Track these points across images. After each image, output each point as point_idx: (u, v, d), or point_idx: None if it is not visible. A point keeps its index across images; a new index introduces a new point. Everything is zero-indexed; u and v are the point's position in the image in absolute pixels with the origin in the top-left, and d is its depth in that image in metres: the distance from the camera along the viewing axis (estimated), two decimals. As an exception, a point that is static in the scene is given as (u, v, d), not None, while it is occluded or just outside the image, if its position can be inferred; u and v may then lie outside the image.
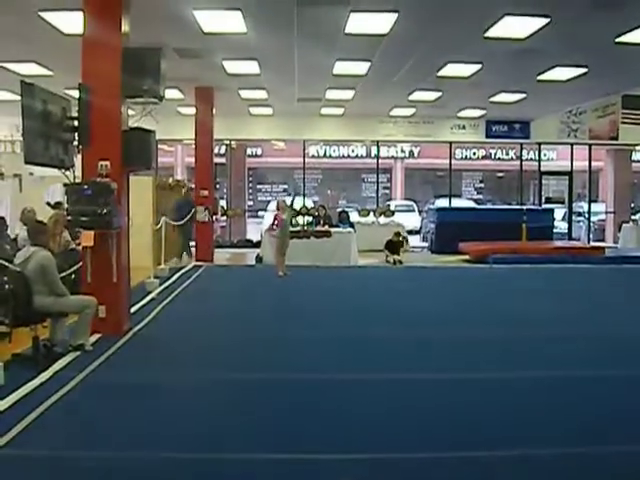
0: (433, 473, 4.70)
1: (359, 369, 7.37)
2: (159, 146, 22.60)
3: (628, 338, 8.98)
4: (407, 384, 6.83)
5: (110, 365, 7.42)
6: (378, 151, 25.37)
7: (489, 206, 32.30)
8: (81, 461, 4.77)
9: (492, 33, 11.47)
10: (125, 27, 8.83)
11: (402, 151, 34.47)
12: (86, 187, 8.45)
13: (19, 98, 7.98)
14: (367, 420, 5.70)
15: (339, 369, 7.36)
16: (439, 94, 17.94)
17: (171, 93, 16.13)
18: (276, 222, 15.94)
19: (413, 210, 30.95)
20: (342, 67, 14.59)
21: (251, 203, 31.59)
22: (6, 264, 7.89)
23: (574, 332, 9.34)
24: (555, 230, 22.91)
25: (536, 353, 8.13)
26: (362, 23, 11.04)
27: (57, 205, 12.53)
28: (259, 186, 36.23)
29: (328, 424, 5.61)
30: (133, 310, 10.08)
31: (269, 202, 31.40)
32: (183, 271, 15.65)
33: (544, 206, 24.27)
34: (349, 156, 34.55)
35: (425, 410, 6.02)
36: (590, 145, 23.56)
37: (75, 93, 8.88)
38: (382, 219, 22.65)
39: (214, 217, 18.79)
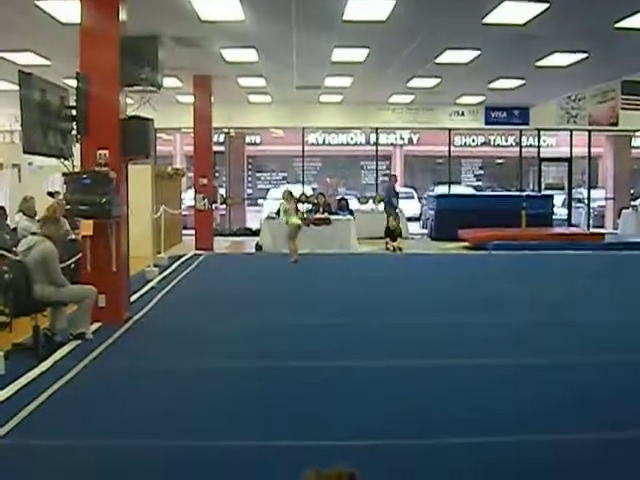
0: (431, 459, 4.73)
1: (360, 356, 7.40)
2: (158, 135, 22.52)
3: (627, 324, 9.01)
4: (407, 370, 6.86)
5: (110, 353, 7.45)
6: (377, 138, 25.33)
7: (488, 193, 32.24)
8: (82, 450, 4.79)
9: (491, 19, 11.42)
10: (122, 16, 8.82)
11: (401, 138, 34.39)
12: (85, 176, 8.45)
13: (17, 88, 7.98)
14: (367, 407, 5.73)
15: (340, 356, 7.39)
16: (438, 81, 17.89)
17: (169, 81, 16.06)
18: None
19: (412, 197, 30.92)
20: (340, 54, 14.54)
21: (250, 191, 31.53)
22: (6, 254, 7.92)
23: (574, 318, 9.37)
24: (555, 216, 22.88)
25: (536, 340, 8.16)
26: (360, 10, 10.98)
27: (54, 194, 12.53)
28: (258, 174, 36.17)
29: (327, 411, 5.64)
30: (133, 299, 10.10)
31: (268, 190, 31.39)
32: (183, 260, 15.66)
33: (544, 192, 24.24)
34: (348, 143, 34.48)
35: (425, 396, 6.05)
36: (590, 131, 23.51)
37: (73, 82, 8.86)
38: (381, 206, 22.64)
39: (213, 205, 18.78)
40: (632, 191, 27.14)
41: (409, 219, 22.98)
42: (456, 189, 28.47)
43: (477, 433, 5.11)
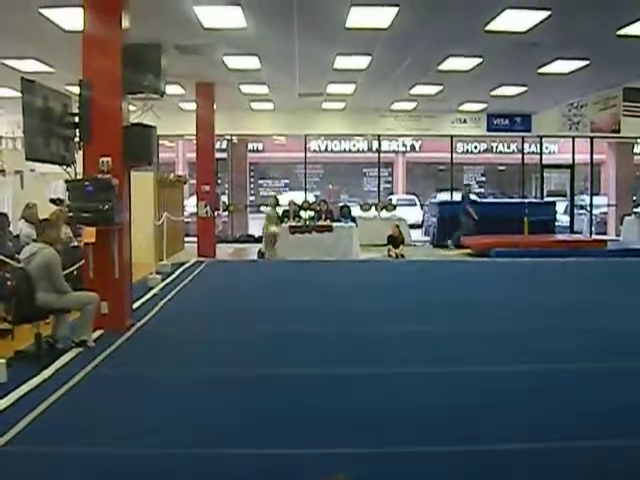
0: (432, 467, 4.71)
1: (361, 364, 7.38)
2: (160, 142, 22.58)
3: (627, 331, 9.00)
4: (407, 378, 6.84)
5: (113, 361, 7.44)
6: (379, 145, 25.36)
7: (491, 200, 32.25)
8: (84, 457, 4.79)
9: (493, 26, 11.44)
10: (125, 23, 8.83)
11: (403, 145, 34.45)
12: (87, 183, 8.46)
13: (20, 95, 7.99)
14: (367, 415, 5.71)
15: (341, 364, 7.37)
16: (440, 88, 17.91)
17: (172, 89, 16.11)
18: None
19: (415, 204, 30.95)
20: (343, 61, 14.57)
21: (253, 198, 31.58)
22: (8, 261, 7.93)
23: (574, 325, 9.35)
24: (557, 223, 22.90)
25: (535, 346, 8.13)
26: (362, 17, 11.01)
27: (56, 201, 12.54)
28: (261, 181, 36.22)
29: (328, 419, 5.62)
30: (135, 306, 10.09)
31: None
32: (185, 267, 15.65)
33: (546, 199, 24.24)
34: (350, 150, 34.52)
35: (425, 404, 6.02)
36: (592, 138, 23.49)
37: (76, 89, 8.88)
38: (384, 213, 22.66)
39: (216, 212, 18.80)
40: (634, 198, 27.14)
41: (411, 226, 22.98)
42: (458, 196, 28.47)
43: (477, 442, 5.12)
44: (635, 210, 24.39)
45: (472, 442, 5.08)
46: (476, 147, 34.58)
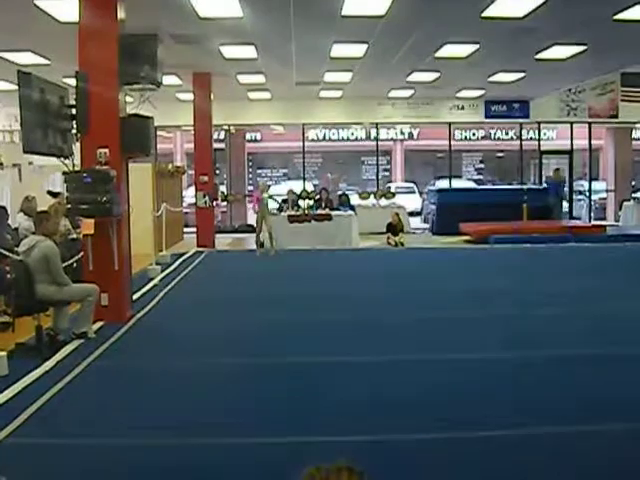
0: (430, 453, 4.73)
1: (361, 351, 7.40)
2: (158, 132, 22.53)
3: (627, 315, 9.02)
4: (406, 365, 6.86)
5: (113, 352, 7.47)
6: (377, 133, 25.31)
7: (490, 186, 32.22)
8: (85, 449, 4.81)
9: (489, 12, 11.39)
10: (121, 14, 8.82)
11: (401, 133, 34.40)
12: (85, 175, 8.47)
13: (17, 88, 7.98)
14: (367, 402, 5.75)
15: (341, 352, 7.39)
16: (437, 75, 17.86)
17: (169, 79, 16.06)
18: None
19: (414, 192, 30.94)
20: (339, 49, 14.51)
21: (251, 188, 31.53)
22: (8, 254, 7.93)
23: (571, 311, 9.38)
24: (556, 209, 22.88)
25: (535, 332, 8.16)
26: (359, 5, 10.96)
27: (56, 194, 12.52)
28: (259, 171, 36.18)
29: (327, 407, 5.65)
30: (135, 297, 10.12)
31: (269, 187, 31.40)
32: (184, 257, 15.67)
33: (545, 185, 24.22)
34: (348, 139, 34.47)
35: (425, 391, 6.05)
36: (590, 123, 23.46)
37: (72, 81, 8.87)
38: (383, 201, 22.63)
39: (214, 202, 18.79)
40: (633, 183, 27.12)
41: (410, 214, 22.96)
42: (457, 183, 28.47)
43: (475, 428, 5.13)
44: (634, 195, 24.38)
45: (469, 428, 5.10)
46: (474, 134, 34.53)
